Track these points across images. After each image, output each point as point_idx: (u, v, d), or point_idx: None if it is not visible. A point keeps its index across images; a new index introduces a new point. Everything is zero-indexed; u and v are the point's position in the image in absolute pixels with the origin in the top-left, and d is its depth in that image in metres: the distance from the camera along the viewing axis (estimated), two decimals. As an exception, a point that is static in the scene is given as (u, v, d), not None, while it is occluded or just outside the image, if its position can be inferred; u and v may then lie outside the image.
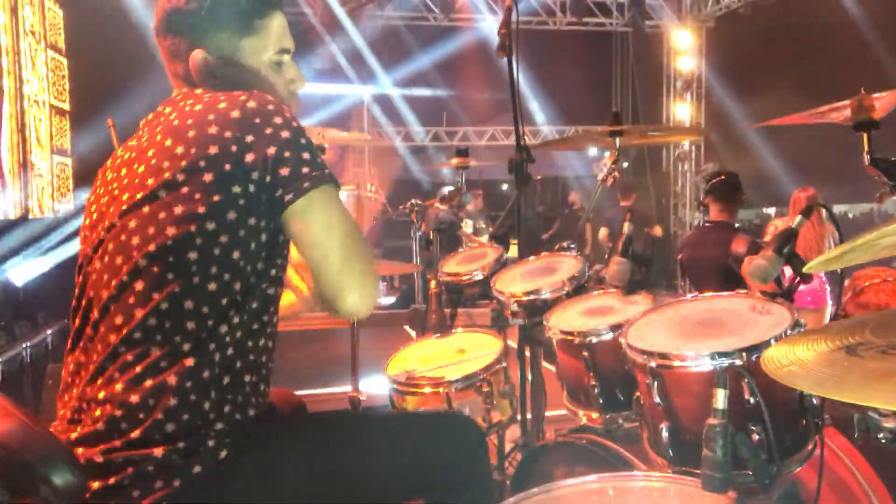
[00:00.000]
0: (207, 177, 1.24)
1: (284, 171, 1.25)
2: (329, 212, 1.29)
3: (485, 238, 2.63)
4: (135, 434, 1.20)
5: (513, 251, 2.45)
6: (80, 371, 1.30)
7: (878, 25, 10.85)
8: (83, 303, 1.34)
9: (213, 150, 1.25)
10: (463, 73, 11.92)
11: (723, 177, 4.13)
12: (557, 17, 11.09)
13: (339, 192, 1.34)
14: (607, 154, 2.32)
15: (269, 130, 1.26)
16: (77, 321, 1.35)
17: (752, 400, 1.25)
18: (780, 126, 1.63)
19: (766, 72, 11.98)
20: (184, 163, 1.26)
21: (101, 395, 1.24)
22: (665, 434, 1.38)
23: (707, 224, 4.15)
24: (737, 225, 4.15)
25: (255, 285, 1.30)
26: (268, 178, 1.25)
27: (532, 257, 2.31)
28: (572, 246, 2.33)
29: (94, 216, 1.37)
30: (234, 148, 1.25)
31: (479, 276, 2.26)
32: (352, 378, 2.56)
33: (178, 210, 1.24)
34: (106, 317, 1.27)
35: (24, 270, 6.63)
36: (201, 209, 1.24)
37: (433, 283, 2.26)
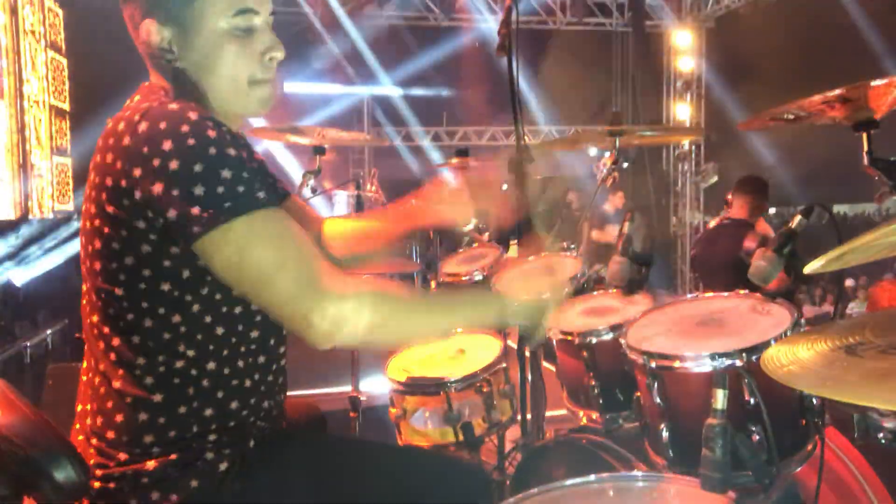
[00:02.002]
0: (110, 209, 1.14)
1: (172, 214, 1.09)
2: (228, 254, 1.10)
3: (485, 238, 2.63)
4: (122, 457, 1.21)
5: (512, 251, 2.45)
6: (81, 390, 1.31)
7: (879, 26, 10.84)
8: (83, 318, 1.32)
9: (108, 181, 1.13)
10: (463, 73, 11.91)
11: (752, 176, 4.15)
12: (557, 17, 11.09)
13: (255, 217, 1.12)
14: (607, 154, 2.32)
15: (156, 162, 1.08)
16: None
17: (751, 400, 1.26)
18: (780, 125, 1.63)
19: (765, 72, 11.98)
20: (93, 192, 1.17)
21: (89, 421, 1.25)
22: (665, 434, 1.38)
23: (725, 221, 4.16)
24: None
25: (208, 310, 1.20)
26: (160, 221, 1.11)
27: (532, 258, 2.31)
28: (572, 247, 2.33)
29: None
30: (123, 182, 1.11)
31: (478, 277, 2.26)
32: (352, 378, 2.56)
33: (97, 244, 1.18)
34: (87, 344, 1.27)
35: (24, 270, 6.64)
36: (115, 245, 1.15)
37: (433, 284, 2.26)
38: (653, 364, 1.37)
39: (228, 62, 1.23)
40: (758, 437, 1.26)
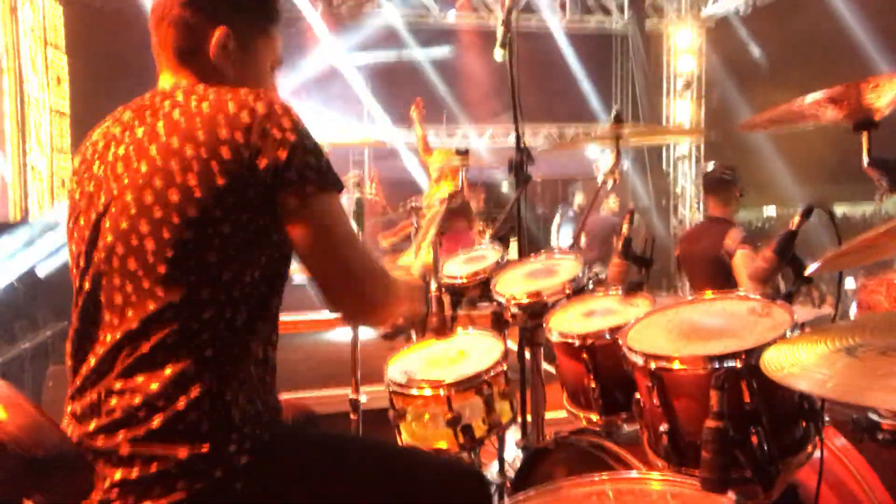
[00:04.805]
0: (221, 180, 1.24)
1: (291, 176, 1.26)
2: (331, 218, 1.30)
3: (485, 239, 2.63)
4: (155, 424, 1.21)
5: (513, 252, 2.45)
6: (92, 369, 1.29)
7: (879, 26, 10.85)
8: (91, 307, 1.31)
9: (225, 153, 1.25)
10: (463, 73, 11.91)
11: (717, 172, 4.14)
12: (557, 16, 11.10)
13: (341, 195, 1.34)
14: (607, 153, 2.32)
15: (278, 135, 1.26)
16: (86, 326, 1.32)
17: (751, 402, 1.25)
18: (780, 126, 1.63)
19: (765, 72, 11.98)
20: (195, 165, 1.24)
21: (118, 385, 1.24)
22: (664, 436, 1.38)
23: (704, 219, 4.22)
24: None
25: (272, 280, 1.32)
26: (268, 181, 1.25)
27: (532, 258, 2.31)
28: (573, 247, 2.33)
29: (92, 215, 1.34)
30: (246, 153, 1.25)
31: (479, 278, 2.26)
32: (352, 379, 2.56)
33: (193, 213, 1.24)
34: (123, 322, 1.26)
35: (25, 270, 6.63)
36: (218, 212, 1.24)
37: (433, 285, 2.26)
38: (652, 365, 1.37)
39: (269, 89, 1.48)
40: (757, 439, 1.26)
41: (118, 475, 1.21)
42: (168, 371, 1.22)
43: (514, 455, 2.38)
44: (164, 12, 1.41)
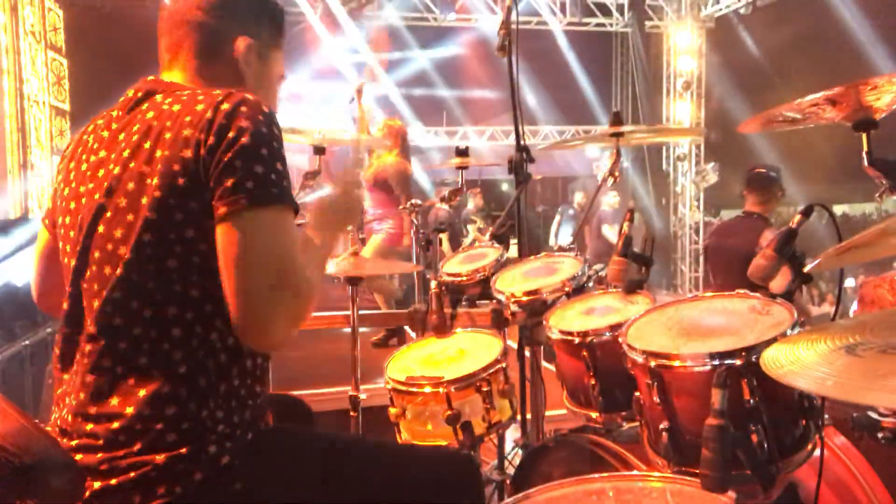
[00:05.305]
0: (181, 181, 1.21)
1: (228, 182, 1.19)
2: (260, 235, 1.19)
3: (485, 238, 2.63)
4: (136, 447, 1.20)
5: (513, 251, 2.45)
6: (73, 382, 1.28)
7: (878, 25, 10.85)
8: (74, 312, 1.30)
9: (187, 153, 1.21)
10: (463, 73, 11.92)
11: (761, 169, 4.16)
12: (557, 17, 11.09)
13: (289, 215, 1.24)
14: (607, 154, 2.32)
15: (231, 134, 1.21)
16: (70, 331, 1.31)
17: (751, 400, 1.25)
18: (779, 126, 1.63)
19: (766, 72, 11.98)
20: (160, 166, 1.22)
21: (94, 410, 1.23)
22: (664, 434, 1.38)
23: (740, 214, 4.21)
24: None
25: None
26: (212, 184, 1.20)
27: (532, 257, 2.31)
28: (572, 246, 2.33)
29: (78, 218, 1.32)
30: (201, 151, 1.21)
31: (479, 277, 2.26)
32: (352, 377, 2.56)
33: (154, 216, 1.21)
34: (97, 329, 1.25)
35: (25, 270, 6.63)
36: (178, 216, 1.21)
37: (433, 284, 2.26)
38: (652, 363, 1.37)
39: (273, 98, 1.54)
40: (758, 437, 1.26)
41: (97, 484, 1.20)
42: (142, 393, 1.21)
43: (513, 453, 2.38)
44: (184, 16, 1.41)
